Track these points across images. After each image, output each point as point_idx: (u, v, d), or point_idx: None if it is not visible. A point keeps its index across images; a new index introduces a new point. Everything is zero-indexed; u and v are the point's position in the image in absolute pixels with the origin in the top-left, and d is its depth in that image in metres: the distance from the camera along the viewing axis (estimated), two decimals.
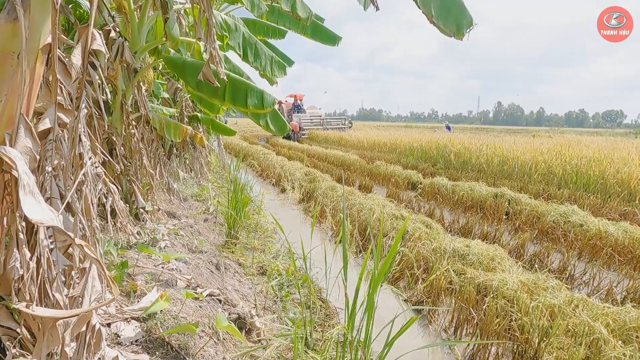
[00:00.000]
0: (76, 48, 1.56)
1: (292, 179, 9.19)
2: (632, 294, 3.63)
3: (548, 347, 2.62)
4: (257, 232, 5.12)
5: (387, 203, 6.34)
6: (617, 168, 8.35)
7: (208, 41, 3.01)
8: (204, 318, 2.25)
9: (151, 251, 2.52)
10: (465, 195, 7.61)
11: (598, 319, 2.77)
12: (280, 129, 4.67)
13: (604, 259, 4.61)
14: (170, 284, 2.52)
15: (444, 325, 3.25)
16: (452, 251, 4.14)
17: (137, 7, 3.64)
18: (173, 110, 5.19)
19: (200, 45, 4.14)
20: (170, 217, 4.28)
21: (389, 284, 3.99)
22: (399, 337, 1.77)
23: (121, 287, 2.18)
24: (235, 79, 3.57)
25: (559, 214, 5.93)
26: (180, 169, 6.48)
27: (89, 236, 1.56)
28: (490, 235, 5.42)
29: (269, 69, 5.32)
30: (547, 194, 8.23)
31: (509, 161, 10.65)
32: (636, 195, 7.47)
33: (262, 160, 12.47)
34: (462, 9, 2.88)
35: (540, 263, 4.48)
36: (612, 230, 5.20)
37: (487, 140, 14.00)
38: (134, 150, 3.49)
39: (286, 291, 3.36)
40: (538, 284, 3.36)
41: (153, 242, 3.12)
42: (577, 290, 3.88)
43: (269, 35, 6.39)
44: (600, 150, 10.39)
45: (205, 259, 3.35)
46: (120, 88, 3.19)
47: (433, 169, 12.07)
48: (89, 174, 1.58)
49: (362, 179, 9.78)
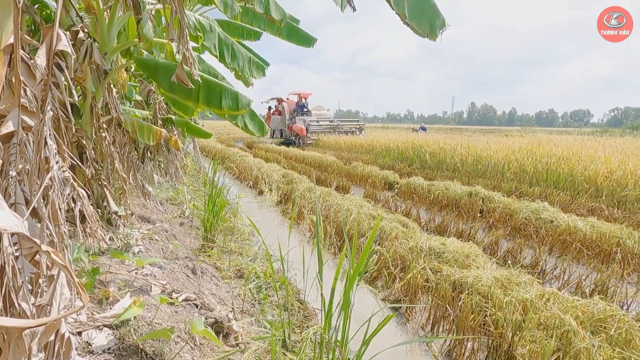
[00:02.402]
0: (41, 49, 1.51)
1: (269, 181, 9.15)
2: (600, 287, 3.76)
3: (521, 340, 2.69)
4: (235, 235, 5.07)
5: (364, 203, 6.38)
6: (584, 166, 8.67)
7: (181, 42, 2.96)
8: (179, 323, 2.21)
9: (124, 256, 2.46)
10: (441, 194, 7.74)
11: (568, 312, 2.86)
12: (259, 129, 4.64)
13: (574, 254, 4.77)
14: (145, 290, 2.46)
15: (422, 323, 3.29)
16: (429, 249, 4.21)
17: (106, 7, 3.55)
18: (146, 113, 5.09)
19: (173, 46, 4.07)
20: (145, 222, 4.19)
21: (367, 283, 4.01)
22: (375, 335, 1.78)
23: (92, 294, 2.12)
24: (209, 81, 3.53)
25: (531, 211, 6.09)
26: (155, 173, 6.36)
27: (57, 242, 1.52)
28: (465, 233, 5.52)
29: (247, 70, 5.28)
30: (519, 191, 8.45)
31: (482, 160, 10.90)
32: (603, 191, 7.76)
33: (239, 163, 12.37)
34: (434, 10, 2.94)
35: (513, 259, 4.60)
36: (581, 226, 5.39)
37: (462, 140, 14.29)
38: (105, 153, 3.41)
39: (264, 294, 3.34)
40: (511, 279, 3.44)
41: (126, 248, 3.05)
42: (548, 285, 4.00)
43: (244, 37, 6.35)
44: (568, 148, 10.75)
45: (181, 264, 3.29)
46: (90, 90, 3.11)
47: (409, 169, 12.22)
48: (56, 179, 1.53)
49: (339, 180, 9.82)
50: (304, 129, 21.65)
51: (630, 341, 2.64)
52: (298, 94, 25.60)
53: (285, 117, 24.85)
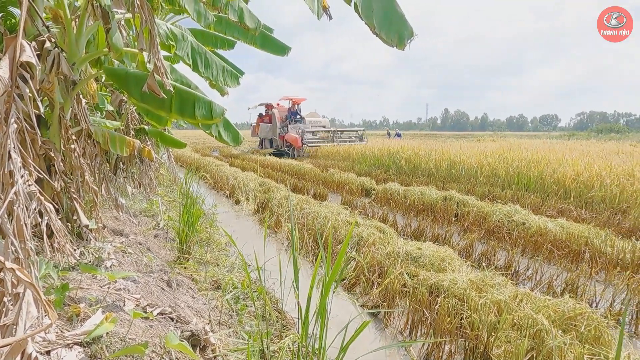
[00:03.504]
0: (3, 60, 1.47)
1: (246, 190, 9.08)
2: (570, 286, 3.88)
3: (496, 341, 2.74)
4: (211, 245, 5.00)
5: (341, 210, 6.41)
6: (553, 169, 8.97)
7: (151, 52, 2.93)
8: (154, 338, 2.16)
9: (95, 271, 2.39)
10: (417, 199, 7.85)
11: (540, 311, 2.94)
12: (234, 138, 4.62)
13: (545, 254, 4.90)
14: (118, 305, 2.40)
15: (400, 328, 3.31)
16: (405, 254, 4.25)
17: (75, 16, 3.48)
18: (117, 124, 4.99)
19: (144, 56, 4.02)
20: (118, 235, 4.08)
21: (346, 290, 4.02)
22: (353, 341, 1.78)
23: (62, 312, 2.05)
24: (182, 90, 3.49)
25: (503, 214, 6.25)
26: (128, 184, 6.22)
27: (23, 259, 1.47)
28: (441, 237, 5.61)
29: (221, 79, 5.25)
30: (492, 195, 8.66)
31: (456, 165, 11.13)
32: (571, 193, 8.04)
33: (215, 172, 12.24)
34: (402, 21, 3.01)
35: (487, 261, 4.69)
36: (551, 227, 5.56)
37: (436, 146, 14.59)
38: (75, 166, 3.32)
39: (242, 304, 3.30)
40: (486, 281, 3.52)
41: (98, 262, 2.96)
42: (521, 285, 4.10)
43: (218, 46, 6.33)
44: (538, 152, 11.12)
45: (155, 277, 3.22)
46: (58, 101, 3.03)
47: (385, 175, 12.36)
48: (21, 193, 1.49)
49: (316, 188, 9.83)
50: (298, 138, 19.28)
51: (599, 337, 2.73)
52: (290, 98, 23.00)
53: (276, 125, 22.32)
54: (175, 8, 4.98)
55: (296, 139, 19.24)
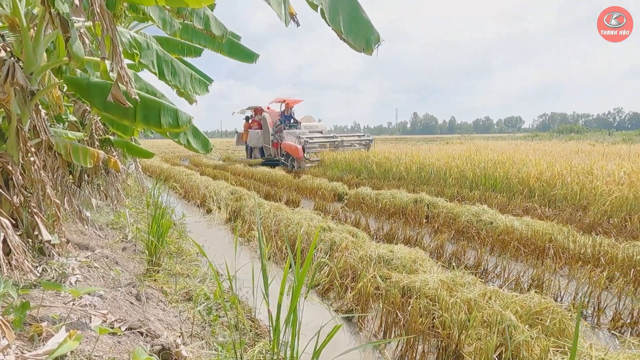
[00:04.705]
0: None
1: (217, 199, 8.96)
2: (536, 281, 4.02)
3: (467, 339, 2.80)
4: (182, 256, 4.91)
5: (314, 216, 6.41)
6: (518, 169, 9.28)
7: (114, 60, 2.87)
8: (122, 354, 2.10)
9: (58, 288, 2.30)
10: (388, 202, 7.95)
11: (508, 308, 3.03)
12: (203, 146, 4.58)
13: (512, 252, 5.06)
14: (83, 322, 2.32)
15: (374, 330, 3.34)
16: (378, 257, 4.29)
17: (32, 25, 3.36)
18: (80, 134, 4.84)
19: (107, 64, 3.92)
20: (83, 249, 3.94)
21: (320, 296, 4.02)
22: (325, 346, 1.79)
23: (23, 331, 1.96)
24: (146, 98, 3.43)
25: (472, 214, 6.42)
26: (93, 196, 6.03)
27: None
28: (412, 238, 5.70)
29: (189, 87, 5.19)
30: (461, 196, 8.88)
31: (426, 168, 11.35)
32: (535, 191, 8.34)
33: (186, 182, 12.02)
34: (369, 26, 3.06)
35: (457, 261, 4.80)
36: (517, 225, 5.75)
37: (406, 149, 14.84)
38: (35, 179, 3.19)
39: (214, 315, 3.25)
40: (456, 281, 3.59)
41: (62, 278, 2.85)
42: (490, 283, 4.21)
43: (184, 53, 6.26)
44: (503, 153, 11.48)
45: (124, 291, 3.13)
46: (15, 112, 2.91)
47: (357, 179, 12.46)
48: None
49: (289, 194, 9.81)
50: (299, 148, 15.61)
51: (563, 330, 2.83)
52: (283, 101, 19.82)
53: (268, 132, 19.31)
54: (140, 16, 4.89)
55: (297, 149, 15.65)
